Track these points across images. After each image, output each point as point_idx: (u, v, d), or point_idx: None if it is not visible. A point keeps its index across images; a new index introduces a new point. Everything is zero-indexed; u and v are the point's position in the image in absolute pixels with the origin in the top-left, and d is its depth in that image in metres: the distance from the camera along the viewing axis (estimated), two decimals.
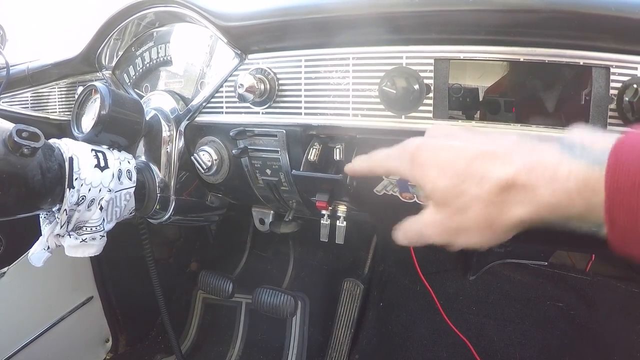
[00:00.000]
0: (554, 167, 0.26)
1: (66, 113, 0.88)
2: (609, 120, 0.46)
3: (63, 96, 0.88)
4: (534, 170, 0.27)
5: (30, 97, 0.92)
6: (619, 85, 0.46)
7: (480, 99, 0.51)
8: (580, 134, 0.28)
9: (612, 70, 0.46)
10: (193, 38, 0.70)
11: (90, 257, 0.62)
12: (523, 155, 0.29)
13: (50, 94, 0.90)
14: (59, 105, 0.89)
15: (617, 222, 0.23)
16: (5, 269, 0.89)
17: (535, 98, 0.50)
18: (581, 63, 0.47)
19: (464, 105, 0.51)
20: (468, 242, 0.34)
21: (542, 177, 0.26)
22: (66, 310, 1.03)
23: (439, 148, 0.35)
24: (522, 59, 0.48)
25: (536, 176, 0.27)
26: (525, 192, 0.27)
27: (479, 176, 0.31)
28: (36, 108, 0.92)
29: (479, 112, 0.51)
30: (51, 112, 0.90)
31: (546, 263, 1.05)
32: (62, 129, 0.88)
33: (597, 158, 0.24)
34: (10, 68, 0.88)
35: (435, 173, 0.34)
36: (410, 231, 0.39)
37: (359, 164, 0.45)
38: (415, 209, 0.41)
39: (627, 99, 0.44)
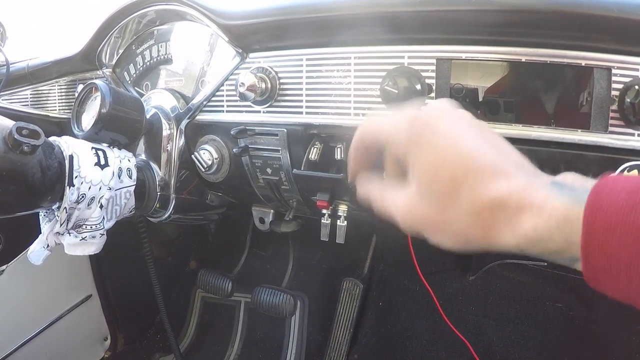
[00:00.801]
0: (540, 202, 0.27)
1: (66, 111, 0.88)
2: (610, 122, 0.46)
3: (63, 94, 0.88)
4: (524, 198, 0.27)
5: (30, 94, 0.92)
6: (620, 86, 0.46)
7: (481, 99, 0.51)
8: (573, 177, 0.28)
9: (613, 71, 0.46)
10: (194, 36, 0.70)
11: (89, 255, 0.62)
12: (519, 180, 0.29)
13: (50, 91, 0.90)
14: (59, 103, 0.89)
15: (592, 260, 0.24)
16: (4, 266, 0.89)
17: (536, 99, 0.50)
18: (583, 64, 0.46)
19: (466, 105, 0.51)
20: (432, 239, 0.32)
21: (529, 207, 0.27)
22: (65, 309, 1.03)
23: (447, 133, 0.31)
24: (523, 60, 0.48)
25: (524, 204, 0.27)
26: (511, 217, 0.28)
27: (475, 185, 0.29)
28: (36, 106, 0.92)
29: (479, 112, 0.51)
30: (51, 110, 0.90)
31: (546, 263, 1.05)
32: (62, 127, 0.88)
33: (579, 197, 0.25)
34: (10, 65, 0.88)
35: (432, 159, 0.32)
36: (380, 199, 0.37)
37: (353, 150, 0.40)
38: None
39: (628, 100, 0.44)
